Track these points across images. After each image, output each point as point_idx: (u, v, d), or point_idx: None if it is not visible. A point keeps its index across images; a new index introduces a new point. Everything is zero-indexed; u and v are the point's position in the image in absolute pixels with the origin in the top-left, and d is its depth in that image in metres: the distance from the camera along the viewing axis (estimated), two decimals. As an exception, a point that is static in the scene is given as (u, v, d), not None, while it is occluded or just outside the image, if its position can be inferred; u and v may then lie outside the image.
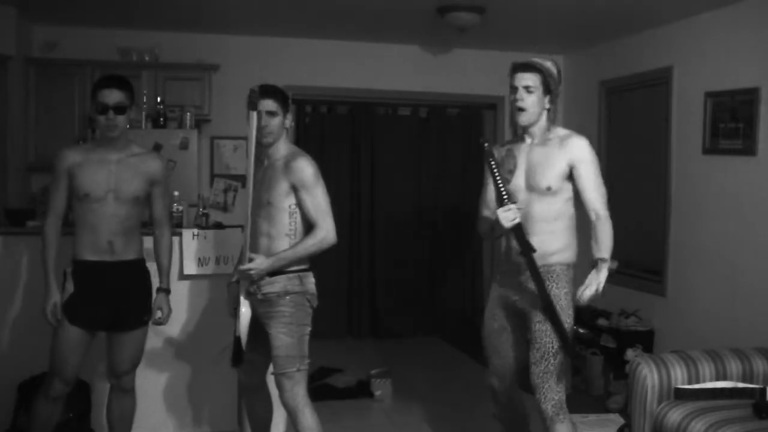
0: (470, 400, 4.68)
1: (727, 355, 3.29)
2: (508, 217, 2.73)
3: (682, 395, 3.14)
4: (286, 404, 3.02)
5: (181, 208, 4.15)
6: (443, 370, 5.62)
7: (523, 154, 2.94)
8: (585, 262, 2.91)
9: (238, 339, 3.02)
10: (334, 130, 6.57)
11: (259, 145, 3.00)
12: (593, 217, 2.82)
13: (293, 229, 3.00)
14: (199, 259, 3.86)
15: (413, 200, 6.78)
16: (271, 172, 3.01)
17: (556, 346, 2.86)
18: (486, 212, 3.03)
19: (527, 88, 2.85)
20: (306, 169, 2.96)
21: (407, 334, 6.63)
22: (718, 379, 3.21)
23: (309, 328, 3.06)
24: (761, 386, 3.15)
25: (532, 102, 2.86)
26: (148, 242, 3.76)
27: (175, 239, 3.86)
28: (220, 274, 3.90)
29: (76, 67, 5.30)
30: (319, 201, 2.97)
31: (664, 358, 3.26)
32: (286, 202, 2.97)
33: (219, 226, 4.12)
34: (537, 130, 2.93)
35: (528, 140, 2.95)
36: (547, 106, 2.90)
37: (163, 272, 3.28)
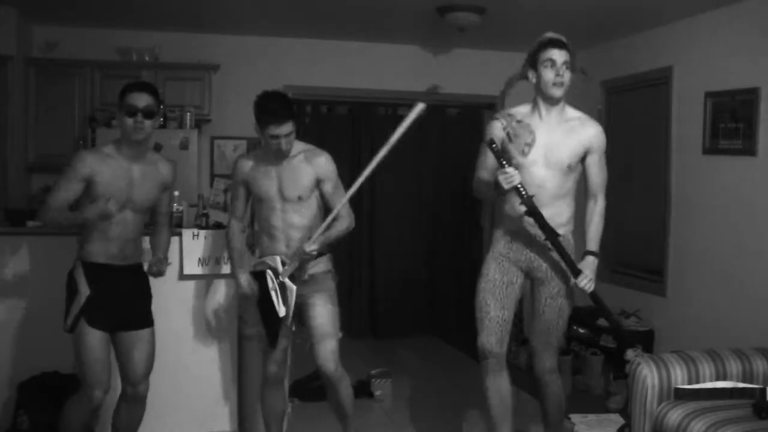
0: (470, 401, 4.68)
1: (727, 355, 3.29)
2: (506, 179, 2.82)
3: (682, 395, 3.14)
4: (332, 371, 3.24)
5: (181, 208, 4.14)
6: (443, 370, 5.62)
7: (541, 129, 3.00)
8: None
9: (278, 320, 3.19)
10: (334, 130, 6.57)
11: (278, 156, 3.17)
12: (594, 201, 3.08)
13: (321, 217, 3.26)
14: (199, 259, 3.86)
15: (413, 200, 6.78)
16: (291, 168, 3.20)
17: (562, 322, 3.10)
18: (483, 173, 3.11)
19: (566, 64, 2.95)
20: (330, 163, 3.25)
21: (407, 334, 6.63)
22: (718, 379, 3.21)
23: None
24: (761, 386, 3.15)
25: (568, 78, 2.97)
26: (148, 242, 3.77)
27: (175, 239, 3.86)
28: (220, 274, 3.90)
29: (76, 67, 5.31)
30: (342, 192, 3.24)
31: (664, 358, 3.26)
32: (313, 195, 3.23)
33: (219, 226, 4.11)
34: (558, 107, 3.01)
35: (546, 115, 3.00)
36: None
37: (160, 251, 3.33)
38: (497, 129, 3.05)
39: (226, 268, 3.88)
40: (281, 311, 3.18)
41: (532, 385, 4.74)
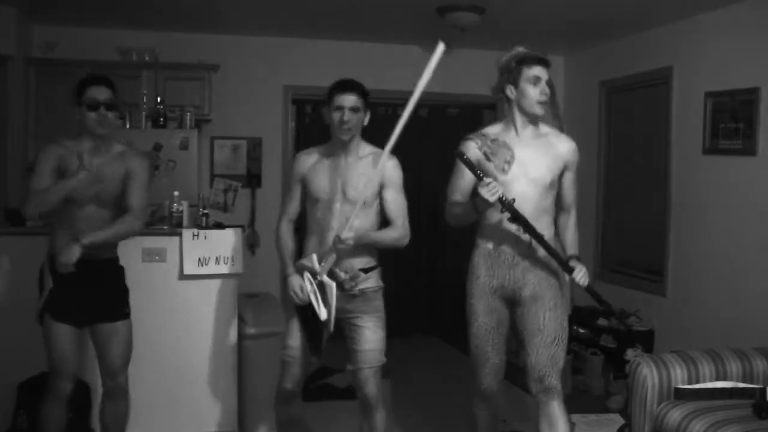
0: (470, 401, 4.68)
1: (727, 355, 3.29)
2: (490, 190, 2.70)
3: (682, 395, 3.14)
4: (373, 398, 3.11)
5: (181, 208, 4.14)
6: (443, 370, 5.62)
7: (518, 146, 2.93)
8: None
9: (320, 325, 2.97)
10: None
11: (338, 139, 3.05)
12: (567, 214, 3.09)
13: (378, 223, 3.12)
14: (199, 259, 3.86)
15: (413, 200, 6.66)
16: (359, 168, 3.05)
17: (565, 335, 2.94)
18: (457, 197, 3.01)
19: (548, 82, 2.92)
20: (398, 169, 3.10)
21: (407, 334, 6.63)
22: (718, 379, 3.21)
23: None
24: (761, 386, 3.15)
25: (549, 95, 2.94)
26: (150, 242, 3.78)
27: (175, 239, 3.87)
28: (220, 274, 3.90)
29: (76, 67, 5.28)
30: (404, 202, 3.12)
31: (664, 358, 3.26)
32: (375, 201, 3.07)
33: (219, 226, 4.12)
34: (534, 123, 2.97)
35: (522, 131, 2.95)
36: None
37: (98, 232, 3.04)
38: (472, 149, 2.94)
39: (225, 268, 3.89)
40: (323, 314, 2.95)
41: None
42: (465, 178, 2.96)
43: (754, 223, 4.33)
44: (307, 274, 3.00)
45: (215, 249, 3.87)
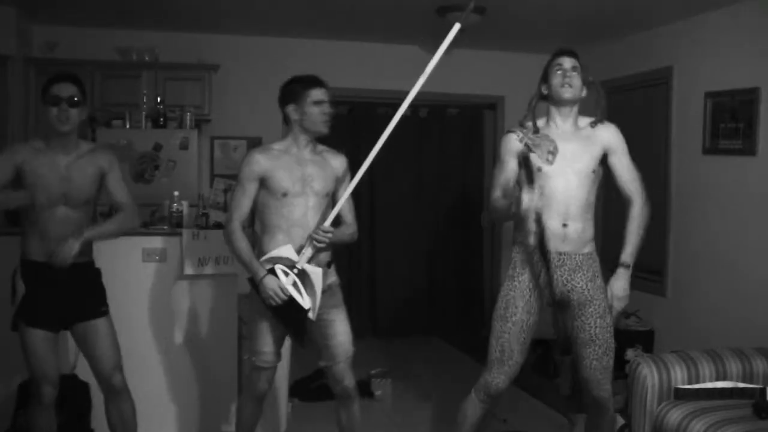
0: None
1: (727, 355, 3.29)
2: (530, 198, 2.71)
3: (682, 395, 3.14)
4: (352, 389, 3.16)
5: (181, 208, 4.14)
6: (443, 370, 5.62)
7: (560, 139, 2.95)
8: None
9: (303, 315, 2.94)
10: (334, 130, 6.50)
11: (313, 132, 3.13)
12: (630, 205, 3.00)
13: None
14: (199, 259, 3.86)
15: (413, 200, 6.78)
16: (321, 162, 3.13)
17: (613, 341, 2.95)
18: (498, 192, 2.96)
19: (575, 69, 2.97)
20: (347, 165, 3.21)
21: (407, 334, 6.63)
22: (718, 379, 3.21)
23: None
24: (761, 386, 3.15)
25: (577, 81, 2.96)
26: (148, 242, 3.76)
27: (175, 239, 3.86)
28: (220, 275, 3.90)
29: (76, 67, 5.26)
30: (349, 198, 3.17)
31: (664, 358, 3.26)
32: (329, 195, 3.14)
33: (219, 226, 4.12)
34: (572, 117, 3.00)
35: (561, 125, 2.98)
36: (584, 94, 3.02)
37: (97, 227, 3.07)
38: (513, 141, 2.96)
39: (226, 268, 3.88)
40: (306, 303, 2.92)
41: (534, 386, 4.74)
42: (507, 171, 2.97)
43: (754, 222, 4.33)
44: (280, 267, 2.94)
45: (215, 249, 3.86)
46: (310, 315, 2.97)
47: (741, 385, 3.19)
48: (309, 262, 2.98)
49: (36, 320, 2.96)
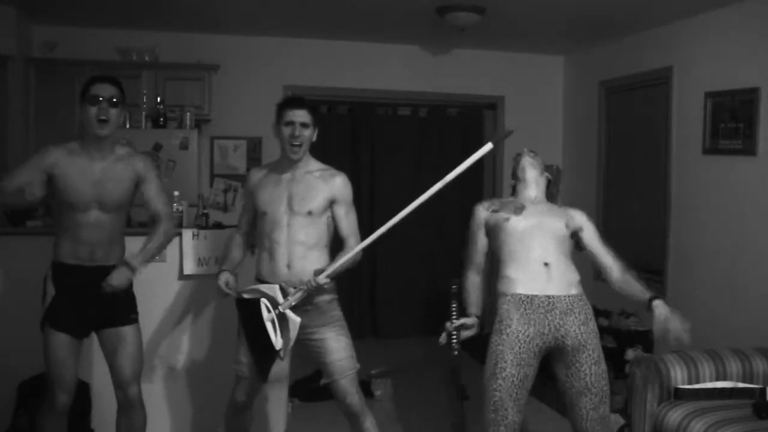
0: (470, 401, 4.68)
1: (727, 355, 3.29)
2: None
3: (682, 395, 3.14)
4: (354, 407, 3.02)
5: (181, 208, 4.14)
6: (443, 370, 5.61)
7: (529, 205, 3.04)
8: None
9: (272, 353, 2.92)
10: (334, 130, 6.56)
11: (286, 155, 3.03)
12: (612, 270, 3.11)
13: (329, 240, 3.12)
14: (199, 259, 3.86)
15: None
16: (305, 183, 3.03)
17: (608, 388, 2.85)
18: (473, 269, 3.27)
19: (550, 169, 3.17)
20: (348, 186, 3.11)
21: (407, 334, 6.63)
22: (718, 379, 3.22)
23: None
24: (761, 386, 3.16)
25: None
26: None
27: (175, 239, 3.86)
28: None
29: (76, 67, 5.30)
30: (355, 218, 3.15)
31: (664, 358, 3.26)
32: (324, 215, 3.06)
33: (219, 226, 4.12)
34: (542, 201, 3.11)
35: (530, 207, 3.04)
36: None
37: (142, 250, 3.05)
38: (480, 212, 3.19)
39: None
40: (278, 344, 2.90)
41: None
42: (479, 243, 3.15)
43: (754, 223, 4.33)
44: (265, 301, 2.92)
45: (215, 249, 3.86)
46: (280, 354, 2.93)
47: (741, 385, 3.19)
48: (310, 299, 2.97)
49: (60, 324, 2.94)
